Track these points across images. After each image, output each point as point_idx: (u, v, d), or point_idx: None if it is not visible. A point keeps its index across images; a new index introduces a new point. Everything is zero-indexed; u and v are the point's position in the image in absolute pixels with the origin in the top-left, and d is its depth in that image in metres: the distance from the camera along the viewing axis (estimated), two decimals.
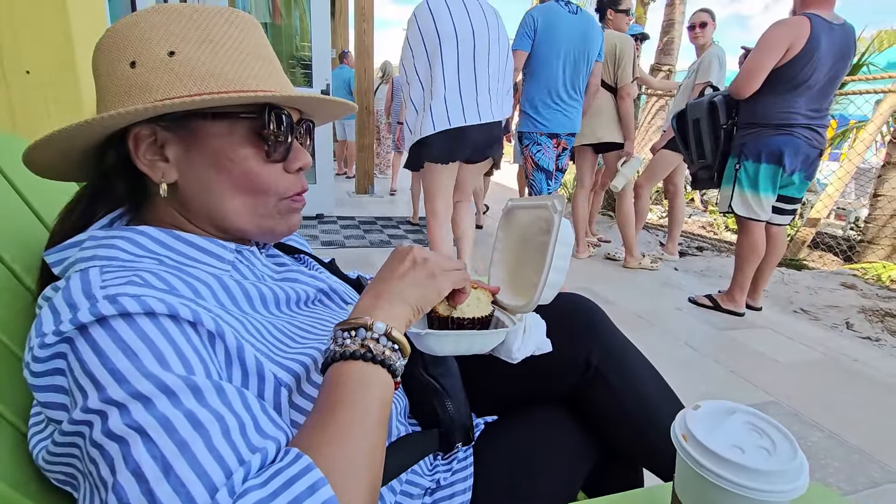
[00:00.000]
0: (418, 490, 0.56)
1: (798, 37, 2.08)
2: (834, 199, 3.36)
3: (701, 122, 2.40)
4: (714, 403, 0.40)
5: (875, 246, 3.37)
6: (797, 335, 2.25)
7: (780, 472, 0.33)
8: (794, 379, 1.86)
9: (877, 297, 2.69)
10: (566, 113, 2.50)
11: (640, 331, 2.23)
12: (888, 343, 2.21)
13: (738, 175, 2.30)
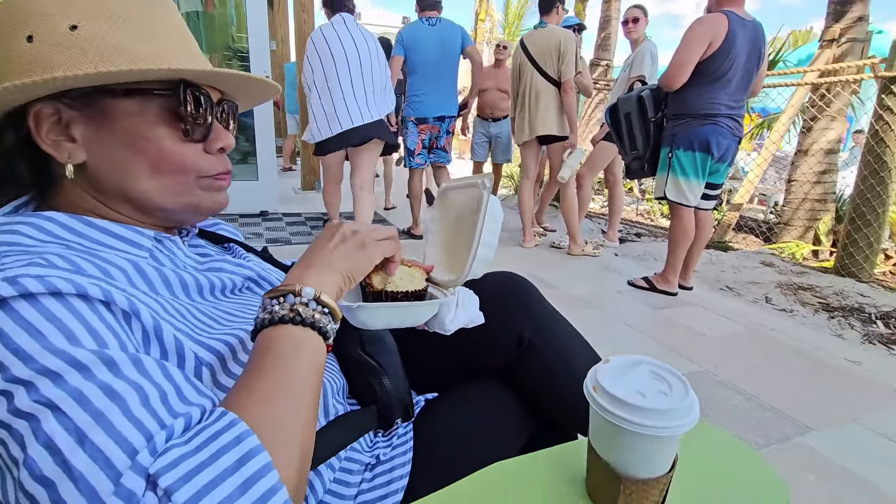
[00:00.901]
0: (358, 466, 0.57)
1: (717, 33, 2.23)
2: (754, 184, 3.65)
3: (631, 116, 2.54)
4: (622, 358, 0.44)
5: (790, 227, 3.69)
6: (723, 310, 2.44)
7: (673, 410, 0.37)
8: (720, 350, 2.02)
9: (791, 273, 2.96)
10: (433, 101, 3.22)
11: (583, 312, 2.33)
12: (800, 314, 2.44)
13: (671, 163, 2.45)
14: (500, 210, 0.58)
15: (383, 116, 2.78)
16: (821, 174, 3.56)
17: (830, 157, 3.53)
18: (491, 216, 0.55)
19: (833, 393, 1.72)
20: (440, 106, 3.25)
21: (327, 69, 2.60)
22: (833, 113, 3.47)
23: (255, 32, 3.68)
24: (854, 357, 2.00)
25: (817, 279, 2.86)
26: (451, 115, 3.34)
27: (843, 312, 2.43)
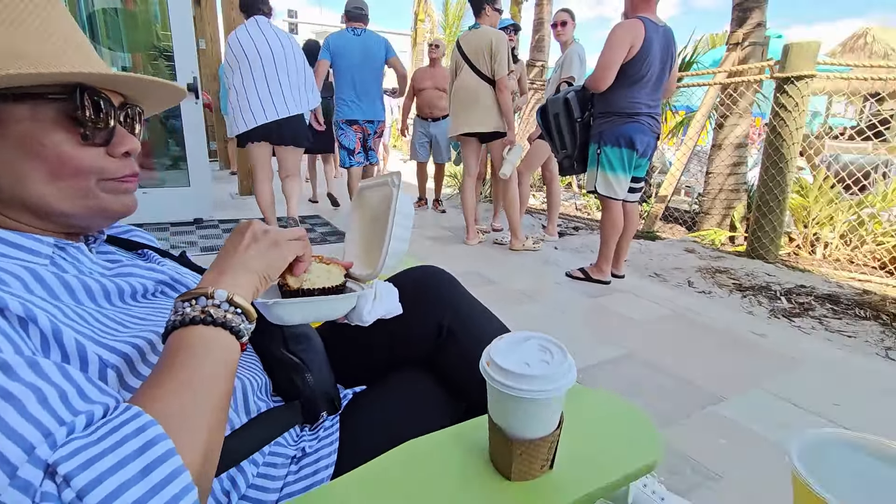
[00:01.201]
0: (283, 459, 0.58)
1: (636, 37, 2.39)
2: (676, 178, 3.93)
3: (560, 117, 2.67)
4: (514, 334, 0.48)
5: (710, 216, 4.01)
6: (651, 295, 2.62)
7: (550, 376, 0.42)
8: (647, 332, 2.17)
9: (710, 258, 3.22)
10: (358, 105, 3.48)
11: (523, 305, 2.42)
12: (717, 294, 2.66)
13: (599, 159, 2.59)
14: (411, 206, 0.62)
15: (303, 112, 3.06)
16: (733, 166, 3.89)
17: (740, 151, 3.86)
18: (401, 212, 0.59)
19: (742, 364, 1.90)
20: (367, 111, 3.54)
21: (243, 70, 2.84)
22: (740, 110, 3.80)
23: (179, 30, 3.51)
24: (761, 331, 2.22)
25: (732, 262, 3.13)
26: (379, 119, 3.62)
27: (753, 291, 2.68)
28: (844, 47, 12.94)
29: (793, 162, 2.99)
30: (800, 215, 3.57)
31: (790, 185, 3.04)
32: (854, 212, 3.41)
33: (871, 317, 2.36)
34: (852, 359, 1.99)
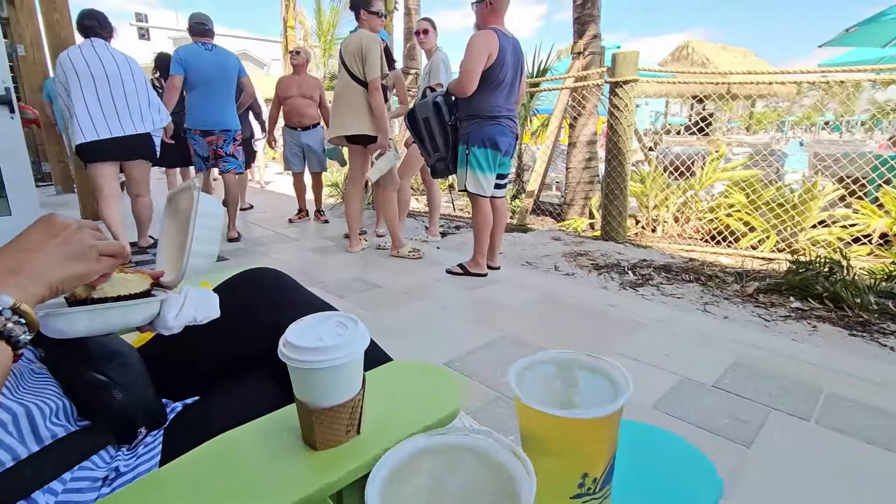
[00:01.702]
0: (89, 483, 0.55)
1: (493, 46, 2.58)
2: (540, 175, 4.31)
3: (430, 120, 2.78)
4: (314, 315, 0.52)
5: (572, 206, 4.45)
6: (524, 283, 2.84)
7: (337, 346, 0.46)
8: (520, 316, 2.35)
9: (573, 244, 3.58)
10: (210, 114, 3.57)
11: (407, 304, 2.48)
12: (578, 275, 2.98)
13: (468, 159, 2.75)
14: (216, 206, 0.62)
15: (148, 131, 3.09)
16: (587, 161, 4.37)
17: (591, 147, 4.36)
18: (204, 213, 0.58)
19: (597, 333, 2.16)
20: (222, 121, 3.64)
21: (74, 89, 2.84)
22: (588, 111, 4.29)
23: None
24: (613, 302, 2.53)
25: (591, 246, 3.52)
26: (235, 128, 3.73)
27: (607, 269, 3.04)
28: (672, 57, 15.22)
29: (629, 154, 3.45)
30: (642, 200, 4.13)
31: (629, 174, 3.51)
32: (681, 194, 4.03)
33: (694, 279, 2.82)
34: (680, 315, 2.36)
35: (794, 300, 2.50)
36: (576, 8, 4.27)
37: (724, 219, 3.78)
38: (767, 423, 1.50)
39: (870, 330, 2.18)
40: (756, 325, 2.28)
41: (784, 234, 3.48)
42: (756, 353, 1.97)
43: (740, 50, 16.14)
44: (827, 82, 3.60)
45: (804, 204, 3.45)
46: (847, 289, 2.40)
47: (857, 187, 3.68)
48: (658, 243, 3.69)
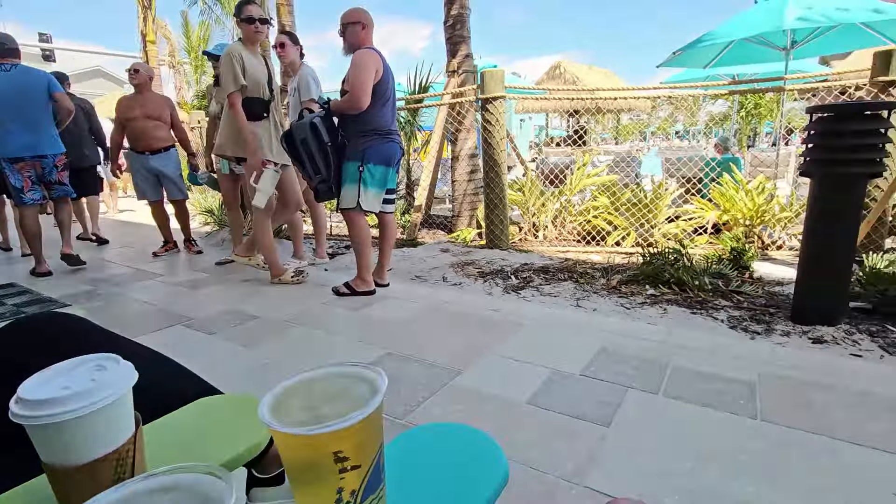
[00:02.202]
0: None
1: (379, 62, 2.63)
2: (427, 189, 4.41)
3: (308, 142, 2.66)
4: (60, 364, 0.46)
5: (461, 217, 4.61)
6: (414, 297, 2.86)
7: (89, 391, 0.41)
8: (407, 330, 2.36)
9: (461, 254, 3.70)
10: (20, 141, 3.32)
11: (287, 332, 2.36)
12: (465, 284, 3.07)
13: (363, 177, 2.70)
14: None
15: None
16: (471, 173, 4.56)
17: (474, 160, 4.56)
18: None
19: (481, 338, 2.23)
20: (33, 146, 3.38)
21: None
22: (467, 126, 4.50)
23: None
24: (497, 307, 2.64)
25: (477, 255, 3.67)
26: (54, 152, 3.46)
27: (492, 275, 3.18)
28: (547, 76, 16.63)
29: (504, 165, 3.67)
30: (523, 208, 4.40)
31: (506, 184, 3.74)
32: (557, 200, 4.38)
33: (568, 278, 3.06)
34: (556, 312, 2.54)
35: (648, 288, 2.81)
36: (446, 29, 4.49)
37: (593, 220, 4.17)
38: (624, 402, 1.65)
39: (706, 307, 2.53)
40: (619, 313, 2.53)
41: (641, 231, 3.93)
42: (618, 339, 2.18)
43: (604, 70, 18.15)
44: (669, 97, 4.16)
45: (654, 203, 3.94)
46: (688, 273, 2.77)
47: (701, 186, 4.29)
48: (539, 247, 3.95)
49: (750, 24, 5.11)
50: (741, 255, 3.06)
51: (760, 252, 3.59)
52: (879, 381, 1.74)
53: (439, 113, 4.44)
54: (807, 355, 1.97)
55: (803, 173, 2.28)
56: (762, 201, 3.80)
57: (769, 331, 2.22)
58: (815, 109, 2.21)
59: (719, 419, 1.54)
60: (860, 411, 1.56)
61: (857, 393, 1.67)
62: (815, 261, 2.22)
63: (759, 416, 1.55)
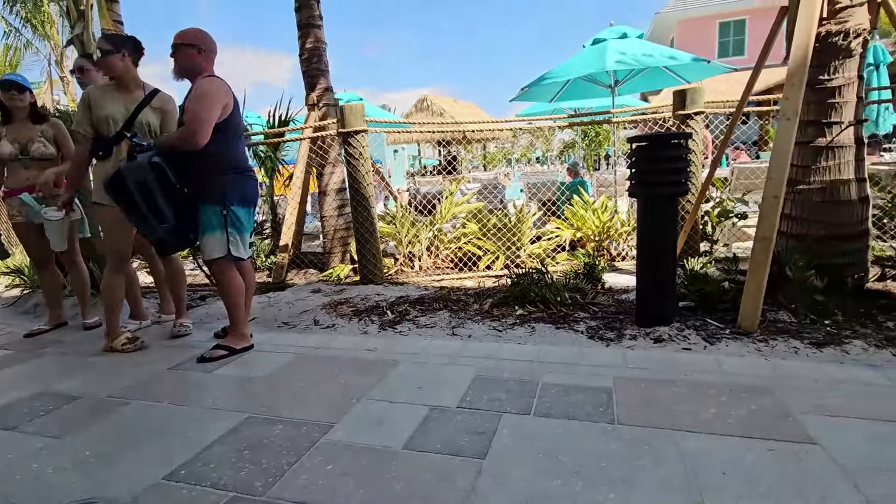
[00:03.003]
0: None
1: (228, 93, 2.38)
2: (292, 226, 4.17)
3: (150, 185, 2.28)
4: None
5: (333, 254, 4.43)
6: (281, 346, 2.61)
7: None
8: (270, 387, 2.12)
9: (333, 294, 3.53)
10: None
11: (115, 412, 1.96)
12: (339, 325, 2.91)
13: (227, 220, 2.39)
14: None
15: None
16: (340, 208, 4.43)
17: (342, 194, 4.44)
18: None
19: (353, 382, 2.09)
20: None
21: None
22: (332, 160, 4.39)
23: None
24: (372, 346, 2.53)
25: (351, 292, 3.53)
26: None
27: (367, 313, 3.07)
28: (415, 108, 17.26)
29: (372, 199, 3.62)
30: (396, 239, 4.38)
31: (376, 217, 3.68)
32: (429, 229, 4.44)
33: (444, 307, 3.08)
34: (432, 344, 2.51)
35: (518, 308, 2.94)
36: (303, 62, 4.37)
37: (465, 246, 4.30)
38: (499, 429, 1.65)
39: (568, 321, 2.71)
40: (492, 337, 2.59)
41: (509, 253, 4.15)
42: (491, 363, 2.21)
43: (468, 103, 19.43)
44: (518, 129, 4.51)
45: (517, 227, 4.20)
46: (550, 291, 2.96)
47: (557, 207, 4.68)
48: (415, 278, 3.94)
49: (580, 65, 5.85)
50: (593, 268, 3.38)
51: (609, 264, 4.02)
52: (705, 370, 2.00)
53: (301, 147, 4.26)
54: (650, 355, 2.20)
55: (631, 194, 2.60)
56: (607, 218, 4.28)
57: (620, 336, 2.45)
58: (634, 140, 2.54)
59: (583, 430, 1.61)
60: (694, 401, 1.75)
61: (690, 384, 1.89)
62: (647, 269, 2.52)
63: (616, 420, 1.66)
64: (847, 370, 1.93)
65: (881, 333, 2.24)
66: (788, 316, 2.49)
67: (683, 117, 3.67)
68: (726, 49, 19.14)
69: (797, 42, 2.51)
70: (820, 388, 1.80)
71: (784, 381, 1.87)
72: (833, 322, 2.38)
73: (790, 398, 1.73)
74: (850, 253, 2.76)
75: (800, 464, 1.37)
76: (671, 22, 20.21)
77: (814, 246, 2.76)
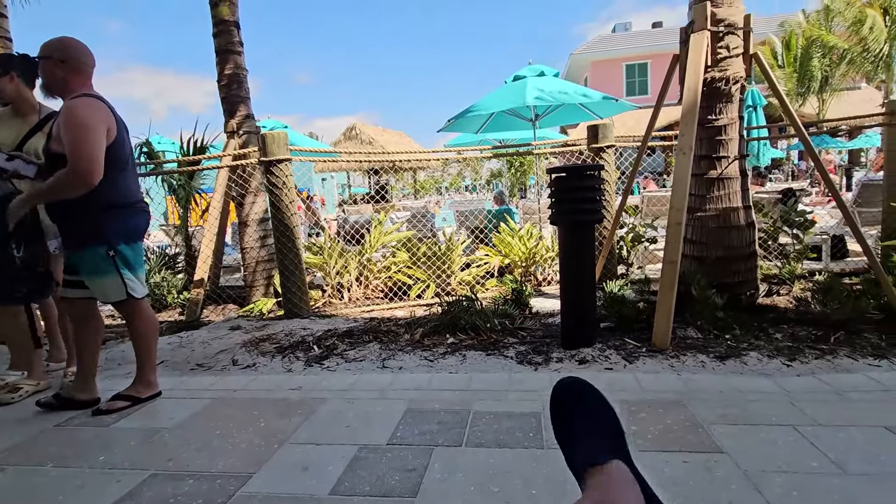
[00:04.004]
0: None
1: (110, 117, 2.05)
2: (207, 259, 3.91)
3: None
4: None
5: (255, 288, 4.19)
6: (194, 391, 2.38)
7: None
8: (185, 437, 1.92)
9: (255, 330, 3.32)
10: None
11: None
12: (261, 364, 2.73)
13: (116, 262, 2.12)
14: None
15: None
16: (262, 238, 4.23)
17: (265, 225, 4.25)
18: None
19: (275, 426, 1.95)
20: None
21: None
22: (254, 189, 4.20)
23: None
24: (297, 384, 2.39)
25: (275, 327, 3.34)
26: None
27: (292, 349, 2.91)
28: (344, 136, 17.16)
29: (297, 229, 3.50)
30: (324, 270, 4.25)
31: (301, 248, 3.55)
32: (359, 259, 4.35)
33: (374, 339, 3.00)
34: (361, 378, 2.42)
35: (449, 336, 2.94)
36: (221, 88, 4.20)
37: (396, 275, 4.26)
38: (431, 464, 1.61)
39: (498, 347, 2.75)
40: (423, 367, 2.55)
41: (439, 281, 4.17)
42: (423, 395, 2.17)
43: (397, 132, 19.66)
44: (453, 158, 4.61)
45: (446, 255, 4.24)
46: (480, 318, 2.99)
47: (485, 234, 4.79)
48: (344, 310, 3.82)
49: (502, 100, 6.16)
50: (521, 294, 3.47)
51: (536, 289, 4.16)
52: (626, 389, 2.09)
53: (219, 175, 4.05)
54: None
55: (552, 222, 2.72)
56: (532, 245, 4.45)
57: (548, 360, 2.51)
58: (552, 171, 2.68)
59: (514, 457, 1.61)
60: None
61: (613, 403, 1.96)
62: (569, 294, 2.63)
63: (546, 445, 1.68)
64: (746, 380, 2.12)
65: (772, 344, 2.49)
66: (696, 332, 2.70)
67: (597, 150, 3.96)
68: (633, 88, 21.17)
69: (688, 85, 2.81)
70: (724, 399, 1.95)
71: (694, 394, 2.00)
72: (733, 336, 2.62)
73: (700, 410, 1.86)
74: (742, 272, 3.07)
75: (709, 473, 1.46)
76: (585, 62, 22.06)
77: (713, 267, 3.04)
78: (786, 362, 2.28)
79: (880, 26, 13.66)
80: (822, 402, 1.87)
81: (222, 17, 4.16)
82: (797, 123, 3.03)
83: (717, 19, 2.89)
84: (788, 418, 1.76)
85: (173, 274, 4.67)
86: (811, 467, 1.46)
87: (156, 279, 4.41)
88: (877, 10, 13.81)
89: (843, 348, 2.39)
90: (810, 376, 2.11)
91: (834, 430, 1.66)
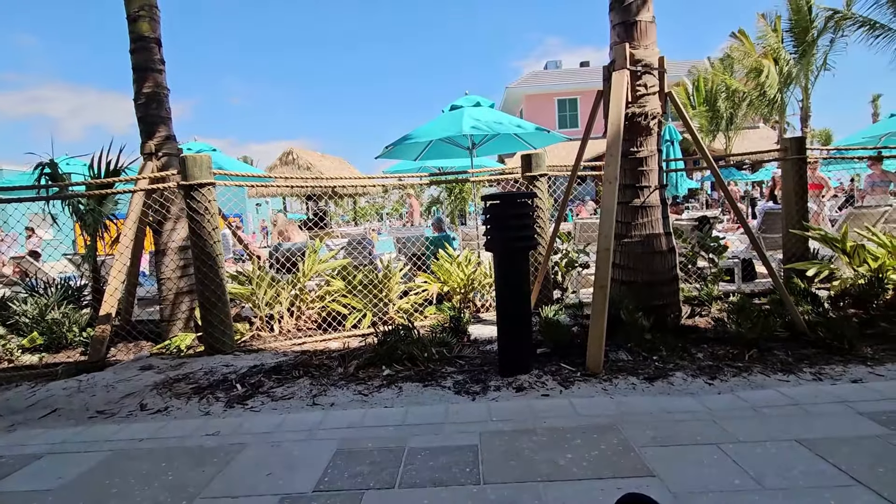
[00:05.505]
0: None
1: None
2: (115, 292, 3.54)
3: None
4: None
5: (174, 322, 3.84)
6: (88, 443, 2.09)
7: None
8: (72, 497, 1.66)
9: (170, 369, 3.01)
10: None
11: None
12: (174, 408, 2.46)
13: None
14: None
15: None
16: (183, 268, 3.91)
17: (185, 253, 3.94)
18: None
19: (189, 478, 1.74)
20: None
21: None
22: (174, 215, 3.90)
23: None
24: (214, 429, 2.16)
25: (194, 365, 3.05)
26: None
27: (211, 389, 2.66)
28: (280, 161, 16.65)
29: (220, 258, 3.26)
30: (253, 301, 3.98)
31: (224, 278, 3.31)
32: (292, 288, 4.13)
33: (304, 374, 2.81)
34: (288, 418, 2.24)
35: (385, 368, 2.81)
36: (139, 108, 3.91)
37: (331, 305, 4.08)
38: None
39: (435, 377, 2.66)
40: (357, 403, 2.41)
41: (376, 310, 4.04)
42: (355, 433, 2.04)
43: (336, 158, 19.39)
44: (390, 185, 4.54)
45: (384, 283, 4.14)
46: (417, 347, 2.90)
47: (424, 261, 4.73)
48: (273, 343, 3.59)
49: (440, 128, 6.25)
50: (459, 321, 3.43)
51: (474, 315, 4.14)
52: (561, 415, 2.08)
53: (133, 200, 3.72)
54: (512, 405, 2.24)
55: (487, 249, 2.73)
56: (471, 271, 4.45)
57: (486, 388, 2.46)
58: (487, 198, 2.70)
59: (449, 496, 1.53)
60: (553, 449, 1.79)
61: (549, 431, 1.94)
62: (505, 320, 2.62)
63: (482, 479, 1.62)
64: (673, 401, 2.18)
65: (695, 364, 2.61)
66: (626, 354, 2.78)
67: (531, 178, 4.07)
68: (564, 121, 22.46)
69: (611, 120, 2.98)
70: (654, 420, 1.99)
71: (626, 416, 2.03)
72: (660, 357, 2.72)
73: (631, 433, 1.87)
74: (666, 295, 3.23)
75: None
76: (520, 95, 23.17)
77: (640, 291, 3.17)
78: (708, 381, 2.38)
79: (773, 75, 15.54)
80: (740, 418, 1.96)
81: (141, 34, 3.92)
82: (708, 157, 3.29)
83: (636, 59, 3.10)
84: (712, 437, 1.81)
85: (77, 309, 4.18)
86: (734, 485, 1.50)
87: (55, 315, 3.92)
88: (769, 60, 15.74)
89: (757, 365, 2.54)
90: (729, 394, 2.22)
91: (752, 445, 1.73)
